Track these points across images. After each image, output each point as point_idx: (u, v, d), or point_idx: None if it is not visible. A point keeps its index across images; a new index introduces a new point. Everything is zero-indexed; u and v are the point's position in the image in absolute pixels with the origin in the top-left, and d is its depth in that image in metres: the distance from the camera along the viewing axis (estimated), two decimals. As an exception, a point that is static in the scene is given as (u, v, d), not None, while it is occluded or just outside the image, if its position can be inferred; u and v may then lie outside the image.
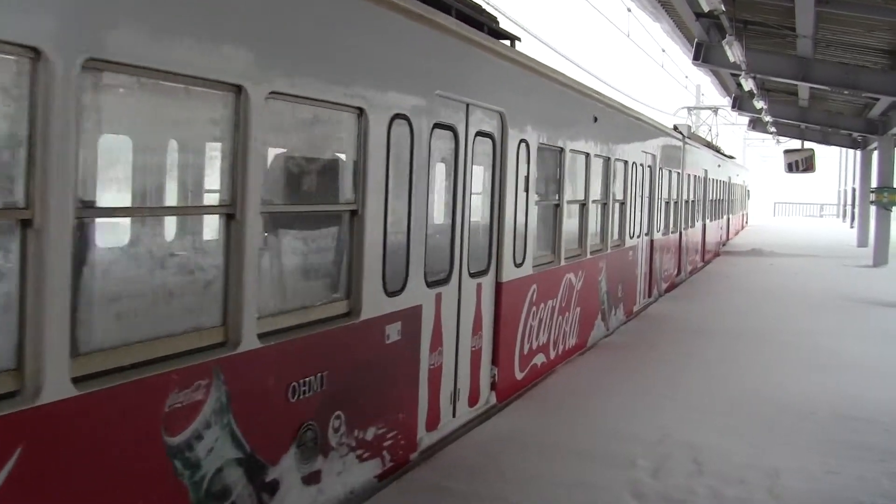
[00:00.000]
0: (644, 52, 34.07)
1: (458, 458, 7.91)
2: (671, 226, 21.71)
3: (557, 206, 11.62)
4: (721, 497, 7.25)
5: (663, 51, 35.72)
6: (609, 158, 14.09)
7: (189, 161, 6.07)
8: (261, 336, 5.51)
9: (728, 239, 39.87)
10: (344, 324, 6.43)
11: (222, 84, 5.17)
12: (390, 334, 7.05)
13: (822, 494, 7.40)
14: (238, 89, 5.24)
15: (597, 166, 13.43)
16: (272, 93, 5.48)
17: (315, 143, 6.78)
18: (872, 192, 32.52)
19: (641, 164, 16.98)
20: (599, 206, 13.97)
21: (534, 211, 10.50)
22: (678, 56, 33.45)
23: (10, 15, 3.86)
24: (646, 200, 17.87)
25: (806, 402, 10.40)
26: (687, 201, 24.25)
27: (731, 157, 40.75)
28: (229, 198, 5.30)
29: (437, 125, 7.83)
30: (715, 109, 48.18)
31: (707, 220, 29.74)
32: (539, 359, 11.11)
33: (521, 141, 9.88)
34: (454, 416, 8.59)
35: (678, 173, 22.21)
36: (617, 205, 15.11)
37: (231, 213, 5.26)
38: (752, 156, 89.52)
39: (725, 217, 37.81)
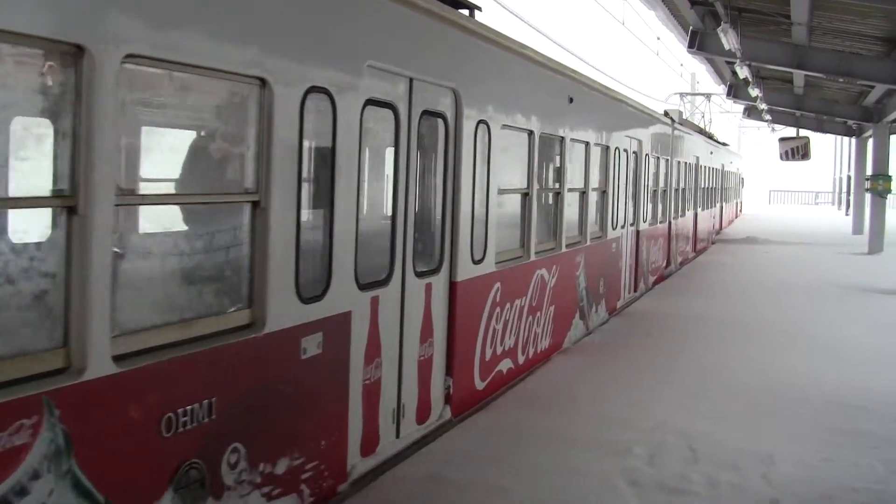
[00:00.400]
0: (639, 39, 34.05)
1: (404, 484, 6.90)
2: (659, 215, 20.39)
3: (526, 196, 10.43)
4: (716, 483, 7.15)
5: (658, 39, 35.63)
6: (588, 143, 12.85)
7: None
8: (118, 359, 4.36)
9: (721, 228, 38.57)
10: (243, 338, 5.28)
11: (53, 43, 4.01)
12: (307, 347, 5.88)
13: (817, 481, 7.29)
14: (78, 50, 4.08)
15: (573, 152, 12.22)
16: (129, 56, 4.34)
17: (198, 120, 5.71)
18: (868, 179, 32.54)
19: (626, 150, 15.70)
20: (577, 195, 12.84)
21: (497, 201, 9.27)
22: (673, 44, 33.45)
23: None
24: (631, 189, 16.53)
25: (800, 390, 10.27)
26: (677, 189, 22.92)
27: (724, 144, 39.45)
28: (69, 187, 4.16)
29: (372, 102, 6.65)
30: (708, 96, 46.66)
31: (699, 210, 28.43)
32: (505, 365, 9.85)
33: (480, 122, 8.67)
34: (398, 436, 7.41)
35: (667, 160, 20.93)
36: (597, 194, 13.89)
37: (72, 206, 4.14)
38: (746, 143, 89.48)
39: (718, 206, 36.46)
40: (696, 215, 27.87)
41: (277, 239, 5.52)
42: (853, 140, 44.82)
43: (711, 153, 31.33)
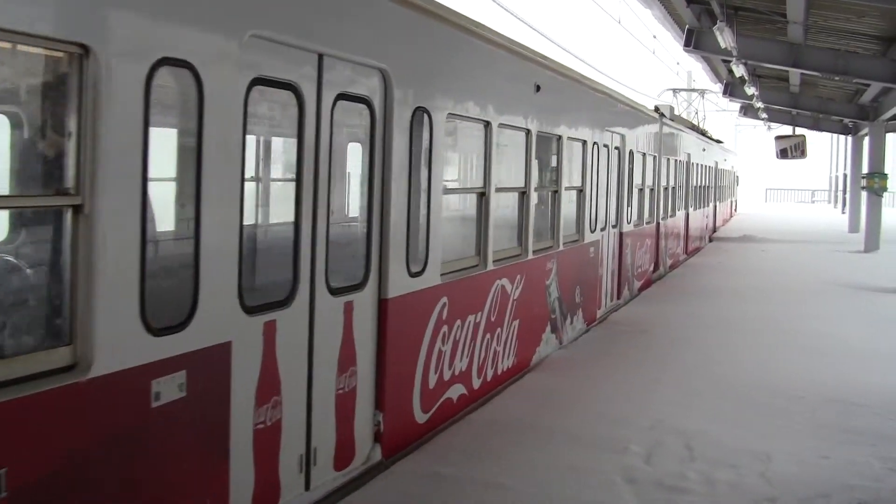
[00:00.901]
0: (635, 38, 34.04)
1: None
2: (647, 216, 18.78)
3: (483, 196, 9.02)
4: (713, 482, 7.05)
5: (655, 37, 35.63)
6: (560, 137, 11.37)
7: None
8: None
9: (715, 229, 36.67)
10: (59, 384, 3.94)
11: None
12: (161, 391, 4.50)
13: (814, 478, 7.18)
14: None
15: (542, 146, 10.79)
16: None
17: None
18: (864, 177, 32.48)
19: (606, 146, 14.08)
20: (548, 194, 11.46)
21: (442, 203, 7.85)
22: (670, 42, 33.43)
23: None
24: (613, 187, 14.94)
25: (797, 387, 10.11)
26: (666, 188, 21.29)
27: (718, 142, 37.44)
28: None
29: (261, 81, 5.33)
30: (702, 92, 44.83)
31: (690, 209, 26.81)
32: (456, 391, 8.43)
33: (418, 109, 7.27)
34: (308, 487, 6.05)
35: (654, 157, 19.37)
36: (572, 193, 12.46)
37: None
38: (743, 142, 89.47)
39: (712, 205, 34.52)
40: (687, 215, 26.22)
41: (109, 253, 4.15)
42: (849, 138, 44.66)
43: (704, 150, 29.69)
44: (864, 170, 33.10)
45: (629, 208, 16.57)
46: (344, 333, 6.45)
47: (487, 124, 8.96)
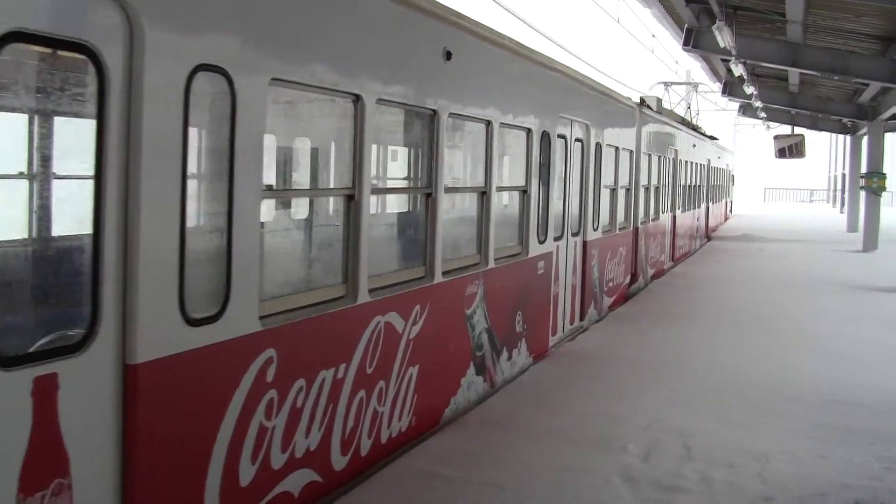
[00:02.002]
0: (634, 37, 33.98)
1: None
2: (620, 221, 15.96)
3: (351, 199, 6.47)
4: (711, 481, 7.03)
5: (653, 36, 35.63)
6: (490, 122, 8.83)
7: None
8: None
9: (708, 232, 33.72)
10: None
11: None
12: None
13: (811, 478, 7.15)
14: None
15: (458, 133, 8.75)
16: None
17: None
18: (862, 177, 32.49)
19: (563, 137, 11.48)
20: (468, 196, 9.23)
21: (259, 208, 5.30)
22: (668, 41, 33.41)
23: None
24: (574, 188, 12.44)
25: (794, 387, 10.05)
26: (648, 188, 18.64)
27: (711, 138, 34.68)
28: None
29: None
30: (695, 85, 41.17)
31: (678, 211, 24.04)
32: (298, 480, 5.86)
33: (201, 70, 4.67)
34: None
35: (631, 152, 16.75)
36: (510, 195, 10.26)
37: None
38: (742, 141, 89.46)
39: (704, 206, 31.51)
40: (674, 218, 23.45)
41: None
42: (848, 137, 44.70)
43: (694, 146, 27.12)
44: (863, 169, 33.10)
45: (596, 212, 13.81)
46: (35, 427, 3.90)
47: (358, 100, 6.39)
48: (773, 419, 8.91)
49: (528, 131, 10.16)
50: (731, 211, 50.00)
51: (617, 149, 15.13)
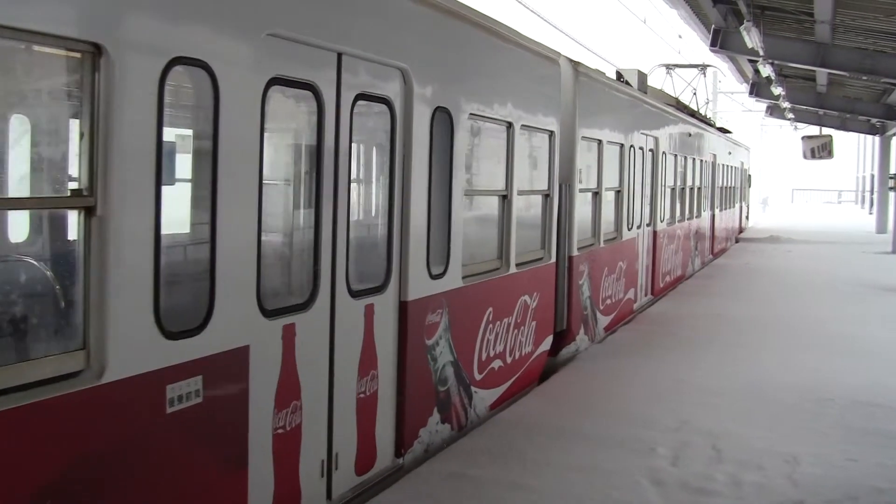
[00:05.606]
0: (661, 38, 33.84)
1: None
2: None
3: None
4: (740, 483, 6.99)
5: (680, 37, 35.47)
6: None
7: None
8: None
9: (714, 248, 27.08)
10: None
11: None
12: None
13: (842, 481, 7.09)
14: None
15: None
16: None
17: None
18: (891, 178, 32.26)
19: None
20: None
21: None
22: (696, 42, 33.21)
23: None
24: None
25: (825, 389, 10.00)
26: (598, 192, 12.58)
27: (723, 130, 30.38)
28: None
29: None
30: (703, 68, 33.68)
31: (660, 225, 17.53)
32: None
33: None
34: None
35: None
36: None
37: None
38: (768, 142, 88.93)
39: (707, 214, 24.86)
40: (654, 235, 17.00)
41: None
42: (876, 138, 44.25)
43: (690, 135, 20.98)
44: (892, 170, 32.77)
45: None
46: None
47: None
48: (803, 421, 8.84)
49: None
50: (747, 219, 42.81)
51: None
